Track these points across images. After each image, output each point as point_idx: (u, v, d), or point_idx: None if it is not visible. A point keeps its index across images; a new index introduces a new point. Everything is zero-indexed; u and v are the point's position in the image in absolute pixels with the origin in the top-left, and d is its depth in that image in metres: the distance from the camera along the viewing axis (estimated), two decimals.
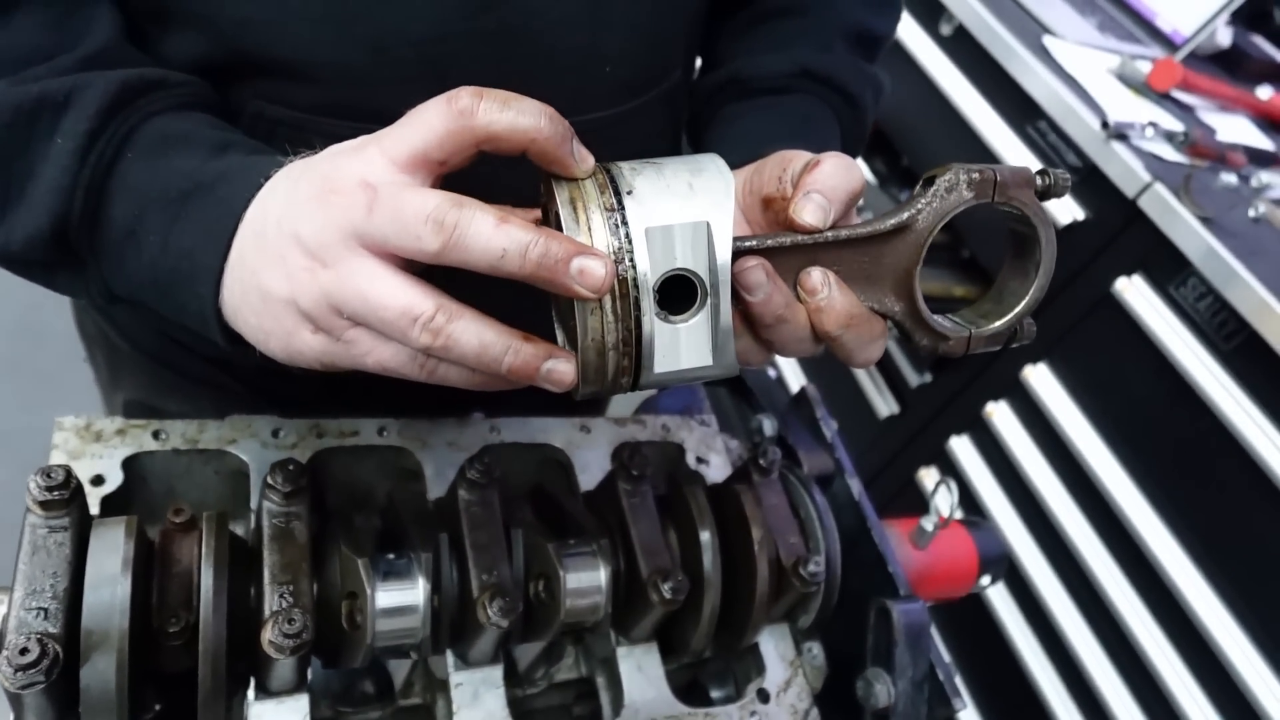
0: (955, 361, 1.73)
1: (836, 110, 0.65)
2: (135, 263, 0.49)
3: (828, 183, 0.45)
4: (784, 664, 0.73)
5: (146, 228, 0.47)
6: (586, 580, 0.63)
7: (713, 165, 0.46)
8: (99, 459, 0.66)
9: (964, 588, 0.93)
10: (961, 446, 1.67)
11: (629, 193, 0.43)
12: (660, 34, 0.62)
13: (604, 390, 0.45)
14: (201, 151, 0.47)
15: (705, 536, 0.67)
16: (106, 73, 0.47)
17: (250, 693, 0.57)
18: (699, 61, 0.76)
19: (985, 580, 0.93)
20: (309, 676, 0.59)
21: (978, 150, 1.61)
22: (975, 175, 0.48)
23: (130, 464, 0.66)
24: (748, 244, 0.46)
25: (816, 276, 0.46)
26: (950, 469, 1.70)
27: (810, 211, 0.45)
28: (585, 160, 0.44)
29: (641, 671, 0.68)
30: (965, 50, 1.65)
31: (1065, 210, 1.44)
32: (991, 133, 1.58)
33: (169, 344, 0.52)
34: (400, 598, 0.57)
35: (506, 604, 0.58)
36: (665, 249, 0.43)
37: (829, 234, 0.47)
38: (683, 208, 0.43)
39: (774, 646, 0.74)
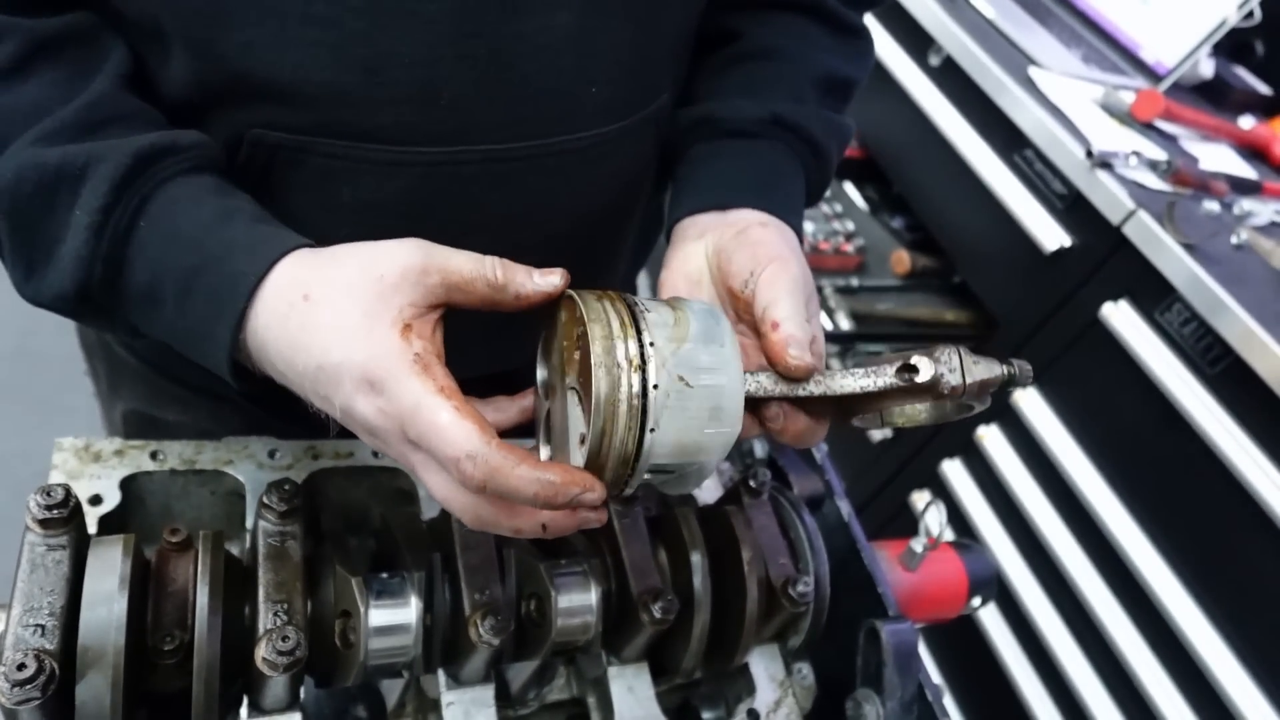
0: None
1: (804, 160, 0.68)
2: (156, 322, 0.52)
3: (795, 335, 0.51)
4: (774, 684, 0.74)
5: (162, 295, 0.50)
6: (578, 600, 0.64)
7: (724, 330, 0.49)
8: (97, 479, 0.67)
9: (954, 609, 0.93)
10: (954, 470, 1.68)
11: (652, 344, 0.45)
12: (644, 61, 0.64)
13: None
14: (206, 221, 0.50)
15: (695, 557, 0.68)
16: (120, 143, 0.50)
17: (244, 712, 0.58)
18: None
19: (976, 602, 0.93)
20: (301, 696, 0.59)
21: (966, 178, 1.63)
22: (952, 382, 0.49)
23: (128, 484, 0.67)
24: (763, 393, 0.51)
25: (773, 410, 0.53)
26: (943, 492, 1.70)
27: (796, 355, 0.50)
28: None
29: (632, 692, 0.69)
30: (953, 81, 1.69)
31: (1053, 237, 1.47)
32: (979, 161, 1.61)
33: (168, 352, 0.53)
34: (393, 616, 0.58)
35: (499, 623, 0.58)
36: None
37: (814, 388, 0.51)
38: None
39: (764, 667, 0.74)
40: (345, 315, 0.46)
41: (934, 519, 0.88)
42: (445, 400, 0.44)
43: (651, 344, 0.43)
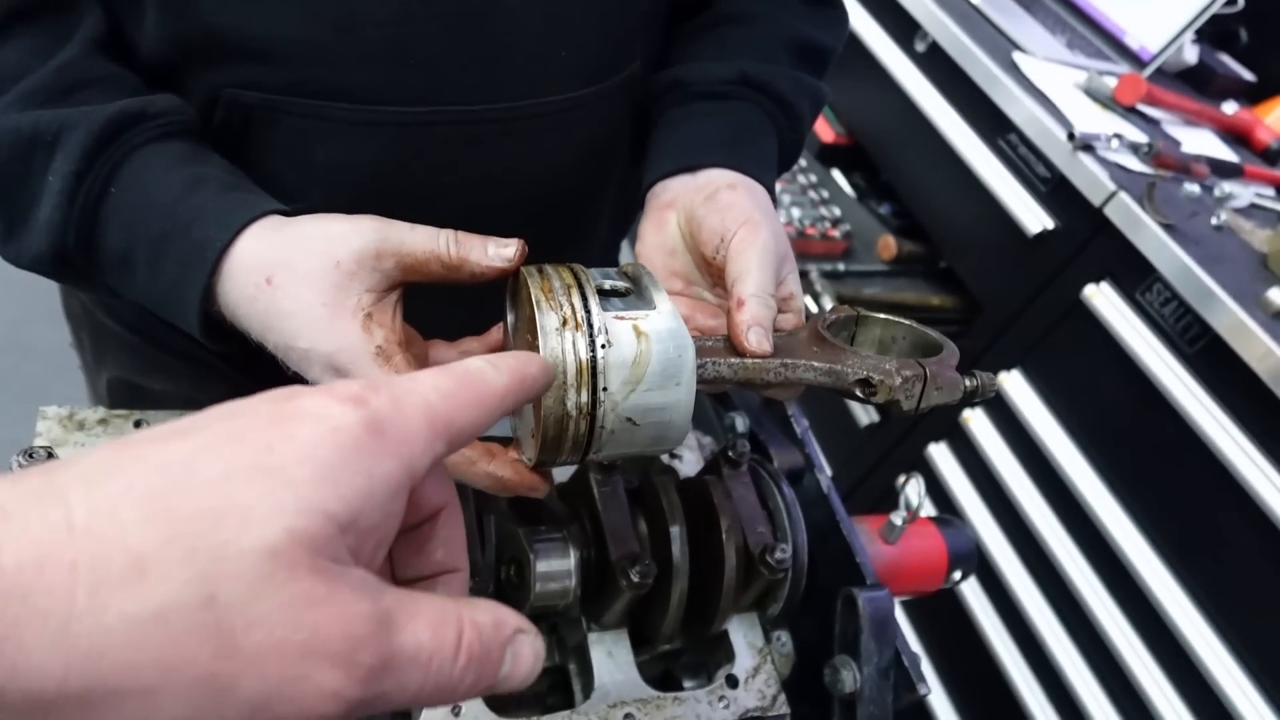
0: None
1: (775, 119, 0.68)
2: (132, 286, 0.53)
3: (758, 314, 0.50)
4: (753, 651, 0.75)
5: (135, 260, 0.51)
6: (556, 565, 0.65)
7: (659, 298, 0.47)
8: (81, 447, 0.67)
9: (934, 583, 0.95)
10: (940, 453, 1.70)
11: (605, 389, 0.43)
12: (616, 27, 0.64)
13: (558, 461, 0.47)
14: (176, 189, 0.50)
15: (673, 525, 0.69)
16: (92, 110, 0.50)
17: None
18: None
19: (956, 575, 0.95)
20: None
21: (951, 163, 1.64)
22: (905, 407, 0.49)
23: None
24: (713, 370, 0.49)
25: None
26: (929, 476, 1.72)
27: (755, 341, 0.50)
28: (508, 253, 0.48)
29: (612, 657, 0.70)
30: (939, 66, 1.70)
31: (1036, 220, 1.48)
32: (964, 146, 1.62)
33: (152, 319, 0.54)
34: None
35: (477, 585, 0.59)
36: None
37: (771, 377, 0.50)
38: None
39: (743, 635, 0.76)
40: (307, 305, 0.46)
41: (914, 492, 0.89)
42: None
43: (605, 389, 0.42)
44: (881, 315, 0.56)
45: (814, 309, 1.71)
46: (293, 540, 0.24)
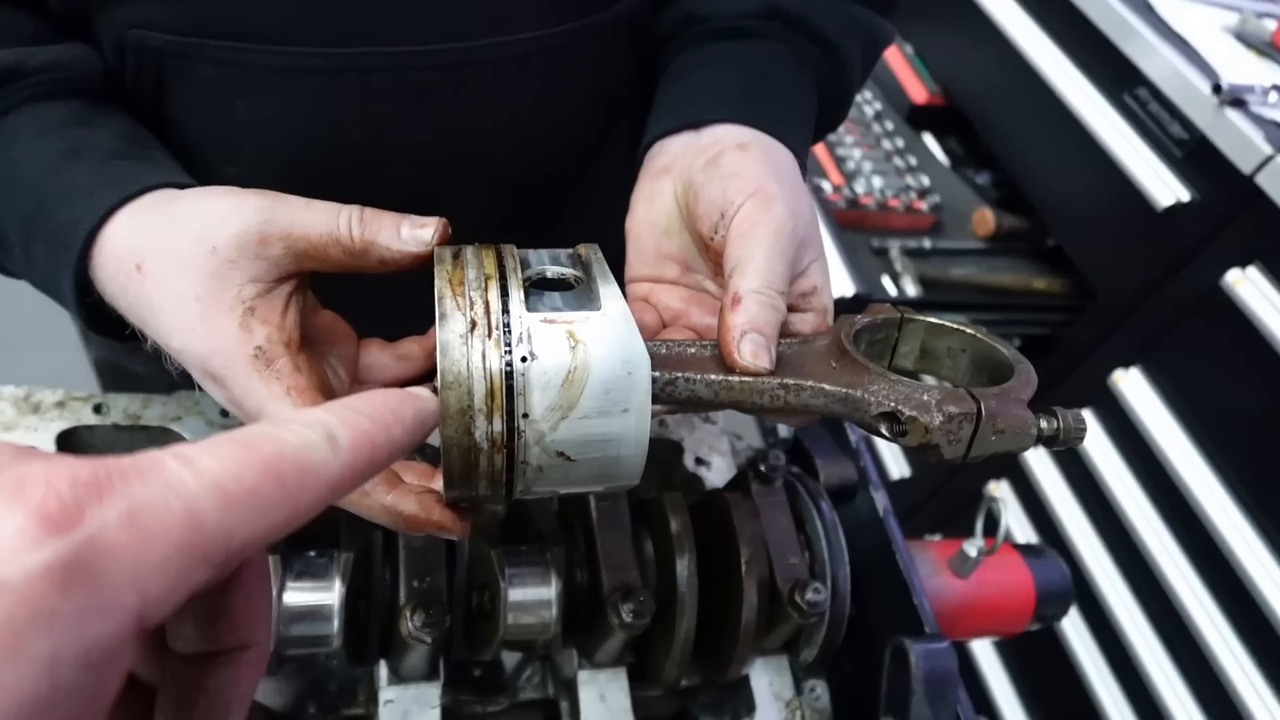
0: None
1: (812, 64, 0.54)
2: (15, 269, 0.47)
3: (758, 319, 0.38)
4: (778, 704, 0.63)
5: (8, 242, 0.45)
6: (532, 594, 0.54)
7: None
8: (33, 431, 0.62)
9: (1016, 625, 0.80)
10: (1038, 460, 1.50)
11: (525, 416, 0.33)
12: None
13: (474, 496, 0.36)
14: (46, 161, 0.43)
15: (681, 553, 0.57)
16: None
17: None
18: None
19: (1044, 617, 0.79)
20: None
21: (1065, 125, 1.43)
22: (947, 455, 0.35)
23: (66, 438, 0.62)
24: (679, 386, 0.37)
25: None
26: (1024, 484, 1.53)
27: (750, 354, 0.37)
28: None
29: (604, 701, 0.59)
30: (1053, 11, 1.48)
31: (1167, 191, 1.26)
32: (1082, 103, 1.40)
33: None
34: (309, 598, 0.50)
35: (431, 616, 0.50)
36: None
37: (767, 401, 0.37)
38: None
39: (768, 683, 0.64)
40: (178, 298, 0.39)
41: (994, 515, 0.74)
42: (293, 405, 0.37)
43: (525, 415, 0.32)
44: (934, 319, 0.42)
45: (892, 290, 1.53)
46: None
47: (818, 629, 0.62)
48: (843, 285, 1.45)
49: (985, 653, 1.64)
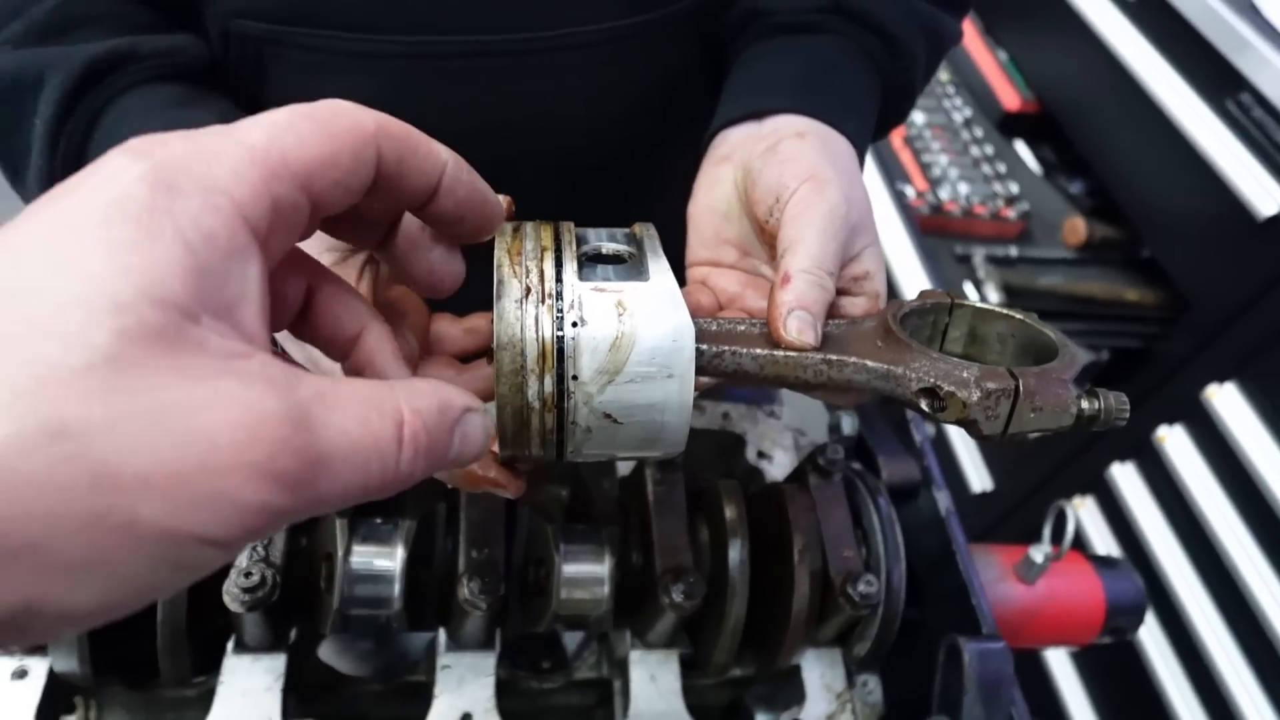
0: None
1: (875, 57, 0.55)
2: None
3: (806, 297, 0.39)
4: (829, 696, 0.63)
5: None
6: (586, 570, 0.56)
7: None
8: None
9: (1084, 636, 0.77)
10: (1125, 475, 1.43)
11: (574, 378, 0.35)
12: None
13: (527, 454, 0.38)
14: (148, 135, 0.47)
15: (734, 537, 0.58)
16: (72, 50, 0.48)
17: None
18: None
19: (1116, 629, 0.76)
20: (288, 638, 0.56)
21: (1163, 132, 1.36)
22: (985, 431, 0.36)
23: None
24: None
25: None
26: (1109, 500, 1.46)
27: (796, 329, 0.38)
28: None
29: (654, 682, 0.60)
30: (1153, 13, 1.41)
31: (1270, 199, 1.19)
32: (1182, 109, 1.34)
33: None
34: (374, 562, 0.53)
35: (487, 585, 0.52)
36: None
37: (810, 376, 0.38)
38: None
39: (819, 675, 0.63)
40: None
41: (1064, 521, 0.72)
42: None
43: (575, 377, 0.34)
44: (981, 304, 0.42)
45: (974, 296, 1.49)
46: (129, 341, 0.20)
47: (870, 622, 0.62)
48: (919, 288, 1.43)
49: (1062, 665, 1.57)
